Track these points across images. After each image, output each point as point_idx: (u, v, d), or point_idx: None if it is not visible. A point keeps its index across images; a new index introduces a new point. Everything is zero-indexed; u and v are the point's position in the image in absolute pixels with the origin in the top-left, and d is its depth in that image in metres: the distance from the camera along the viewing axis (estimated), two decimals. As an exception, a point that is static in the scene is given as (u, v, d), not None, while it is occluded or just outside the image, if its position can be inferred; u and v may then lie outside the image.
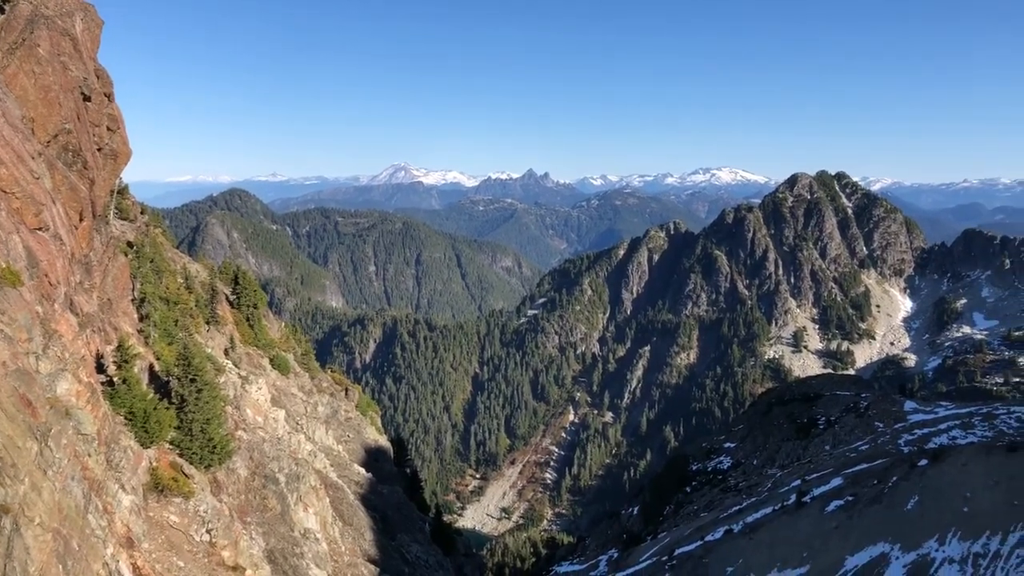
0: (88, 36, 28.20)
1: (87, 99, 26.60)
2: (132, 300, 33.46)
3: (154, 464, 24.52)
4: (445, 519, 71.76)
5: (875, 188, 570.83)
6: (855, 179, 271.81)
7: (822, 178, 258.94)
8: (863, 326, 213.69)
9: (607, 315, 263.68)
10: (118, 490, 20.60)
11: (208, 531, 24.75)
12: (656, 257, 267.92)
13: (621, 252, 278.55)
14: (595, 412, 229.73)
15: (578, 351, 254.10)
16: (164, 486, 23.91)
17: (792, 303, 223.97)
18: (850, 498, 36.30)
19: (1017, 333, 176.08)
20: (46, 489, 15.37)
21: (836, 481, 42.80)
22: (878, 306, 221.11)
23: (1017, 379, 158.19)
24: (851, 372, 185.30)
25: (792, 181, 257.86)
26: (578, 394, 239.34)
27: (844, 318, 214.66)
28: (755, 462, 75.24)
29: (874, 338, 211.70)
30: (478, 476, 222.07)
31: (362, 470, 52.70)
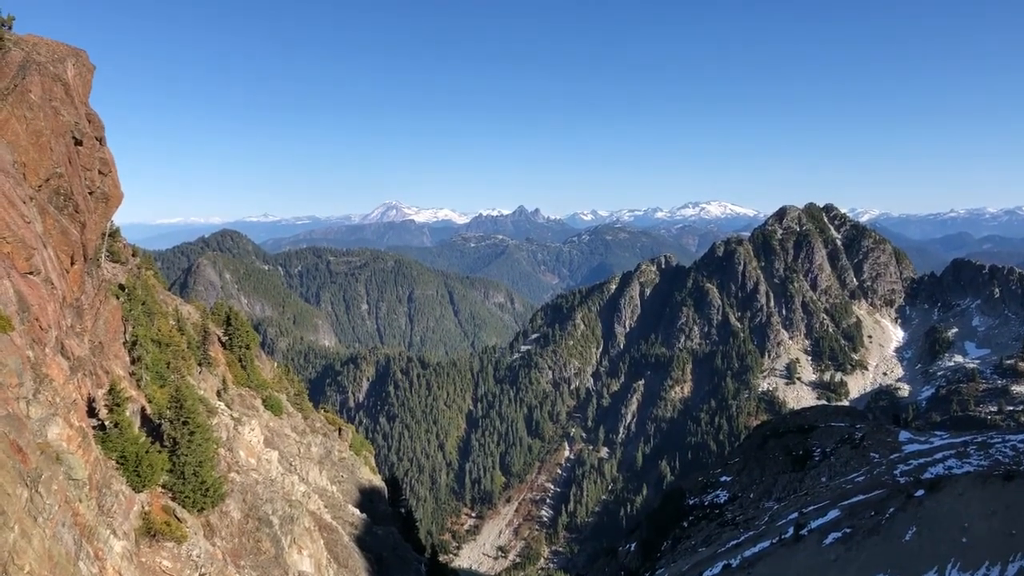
0: (80, 81, 28.47)
1: (79, 143, 26.78)
2: (124, 343, 33.33)
3: (146, 508, 24.25)
4: (441, 559, 70.88)
5: (863, 219, 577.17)
6: (843, 211, 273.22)
7: (811, 210, 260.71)
8: (856, 357, 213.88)
9: (600, 350, 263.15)
10: (109, 536, 20.34)
11: (201, 576, 24.43)
12: (648, 291, 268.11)
13: (613, 286, 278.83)
14: (590, 447, 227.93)
15: (572, 386, 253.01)
16: (156, 530, 23.61)
17: (784, 335, 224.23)
18: (848, 530, 36.05)
19: (1009, 361, 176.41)
20: (36, 536, 15.19)
21: (833, 513, 42.55)
22: (870, 336, 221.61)
23: (1011, 407, 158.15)
24: (845, 403, 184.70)
25: (781, 214, 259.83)
26: (573, 430, 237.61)
27: (837, 349, 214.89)
28: (752, 495, 74.68)
29: (867, 368, 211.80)
30: (474, 515, 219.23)
31: (356, 511, 52.13)
